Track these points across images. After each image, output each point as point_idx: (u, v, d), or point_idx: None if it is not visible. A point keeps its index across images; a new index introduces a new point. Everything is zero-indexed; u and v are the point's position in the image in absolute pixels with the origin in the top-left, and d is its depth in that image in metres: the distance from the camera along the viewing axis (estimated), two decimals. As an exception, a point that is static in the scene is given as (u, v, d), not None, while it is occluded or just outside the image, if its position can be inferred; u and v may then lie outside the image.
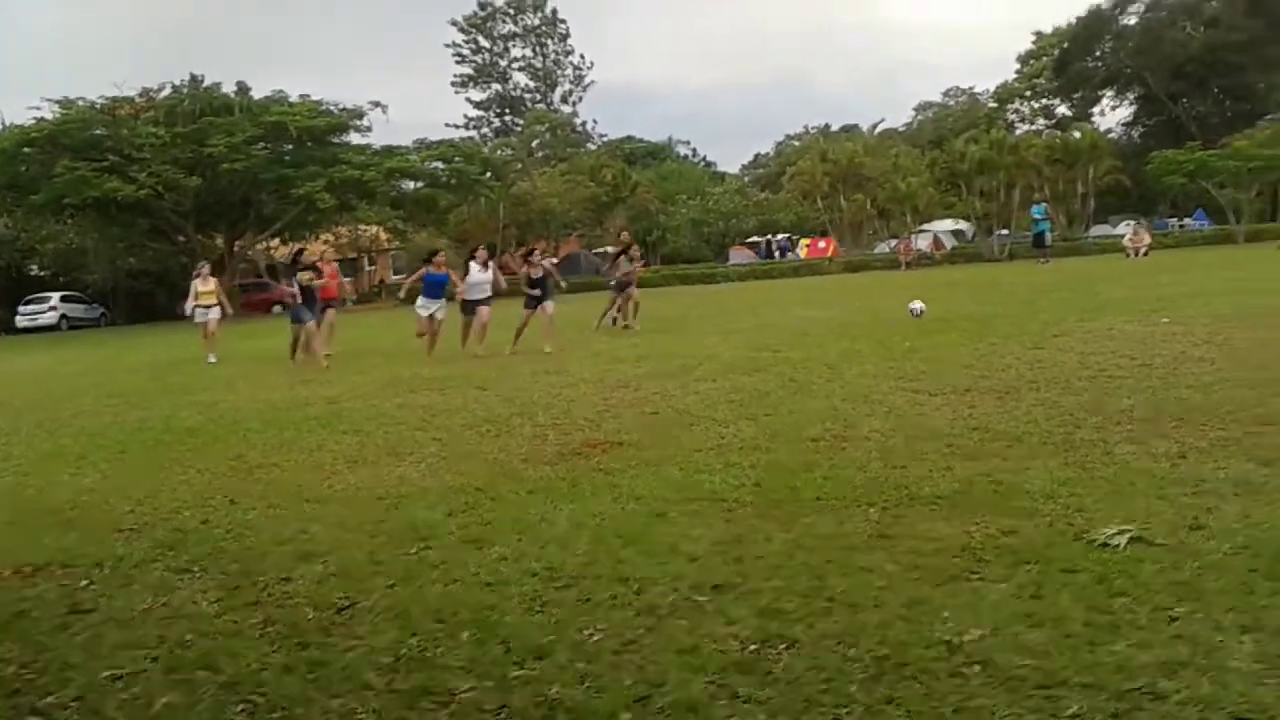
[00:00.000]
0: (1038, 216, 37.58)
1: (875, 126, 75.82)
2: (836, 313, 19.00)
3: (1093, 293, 18.80)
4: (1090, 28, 65.15)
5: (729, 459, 6.80)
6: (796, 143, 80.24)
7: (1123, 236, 38.02)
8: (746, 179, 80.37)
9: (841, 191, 46.61)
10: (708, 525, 5.27)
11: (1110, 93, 67.94)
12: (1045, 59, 69.29)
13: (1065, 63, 66.11)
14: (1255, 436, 6.28)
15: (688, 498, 5.85)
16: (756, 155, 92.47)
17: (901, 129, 78.95)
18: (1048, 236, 36.87)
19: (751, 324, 17.75)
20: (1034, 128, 65.72)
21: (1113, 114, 69.25)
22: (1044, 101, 71.98)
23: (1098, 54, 65.79)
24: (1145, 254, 33.78)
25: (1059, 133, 53.54)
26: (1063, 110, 69.42)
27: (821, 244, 50.72)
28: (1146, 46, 60.97)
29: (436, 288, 15.43)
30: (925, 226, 49.24)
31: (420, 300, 15.49)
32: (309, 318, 15.72)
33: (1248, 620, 3.58)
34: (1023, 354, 10.80)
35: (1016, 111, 72.93)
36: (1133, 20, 64.43)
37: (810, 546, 4.79)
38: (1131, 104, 67.61)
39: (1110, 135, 63.36)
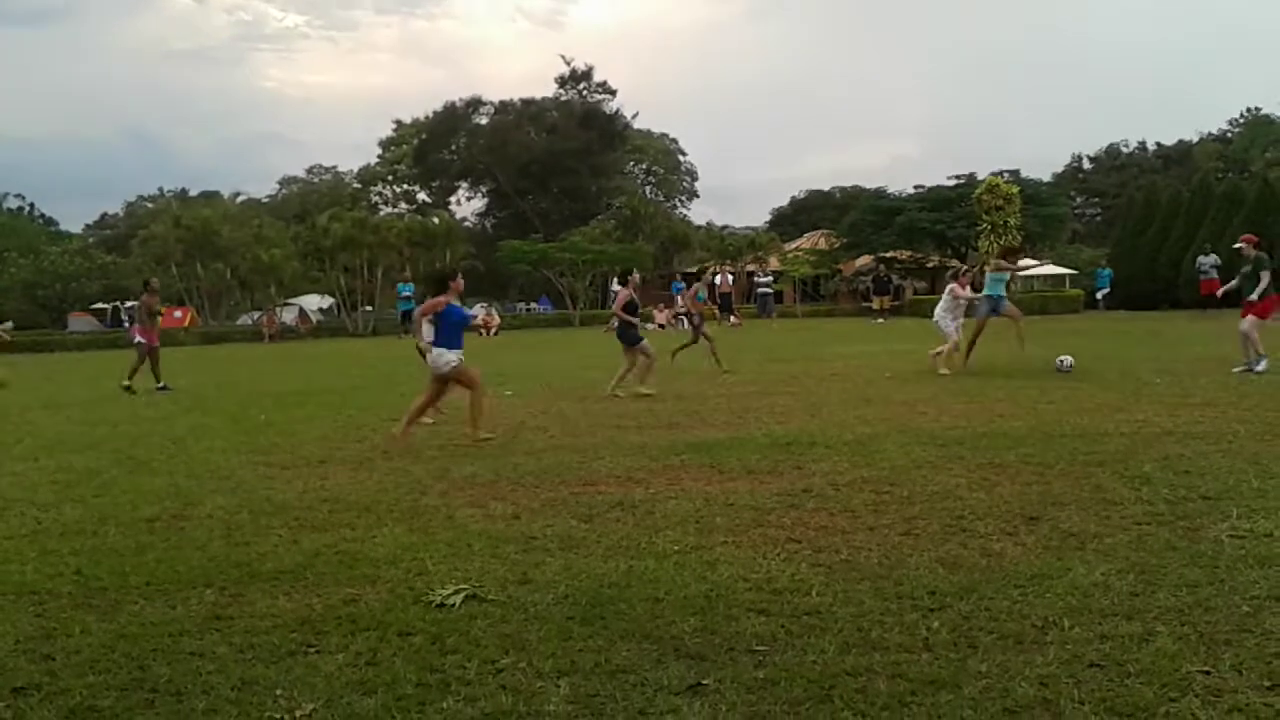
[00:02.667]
0: (405, 294, 39.05)
1: (237, 195, 73.87)
2: (190, 382, 17.87)
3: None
4: (446, 122, 70.09)
5: (46, 546, 6.00)
6: (150, 205, 75.23)
7: (476, 317, 40.91)
8: (92, 240, 73.32)
9: (199, 259, 44.39)
10: (12, 622, 4.59)
11: (466, 184, 73.40)
12: (406, 147, 72.92)
13: (424, 153, 70.29)
14: (579, 496, 6.96)
15: (-11, 593, 5.03)
16: (104, 215, 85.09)
17: (266, 200, 77.78)
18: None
19: (87, 396, 16.02)
20: (397, 210, 68.52)
21: (468, 204, 74.95)
22: (405, 187, 75.56)
23: (453, 148, 70.85)
24: (496, 333, 36.58)
25: (419, 217, 56.33)
26: (423, 196, 73.34)
27: (177, 313, 47.78)
28: (495, 146, 67.04)
29: None
30: (291, 300, 48.69)
31: None
32: None
33: (565, 664, 3.87)
34: (380, 425, 10.95)
35: (380, 194, 75.63)
36: (484, 120, 70.50)
37: (135, 635, 4.35)
38: (484, 196, 73.64)
39: (466, 223, 68.43)
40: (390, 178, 75.64)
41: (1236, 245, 14.10)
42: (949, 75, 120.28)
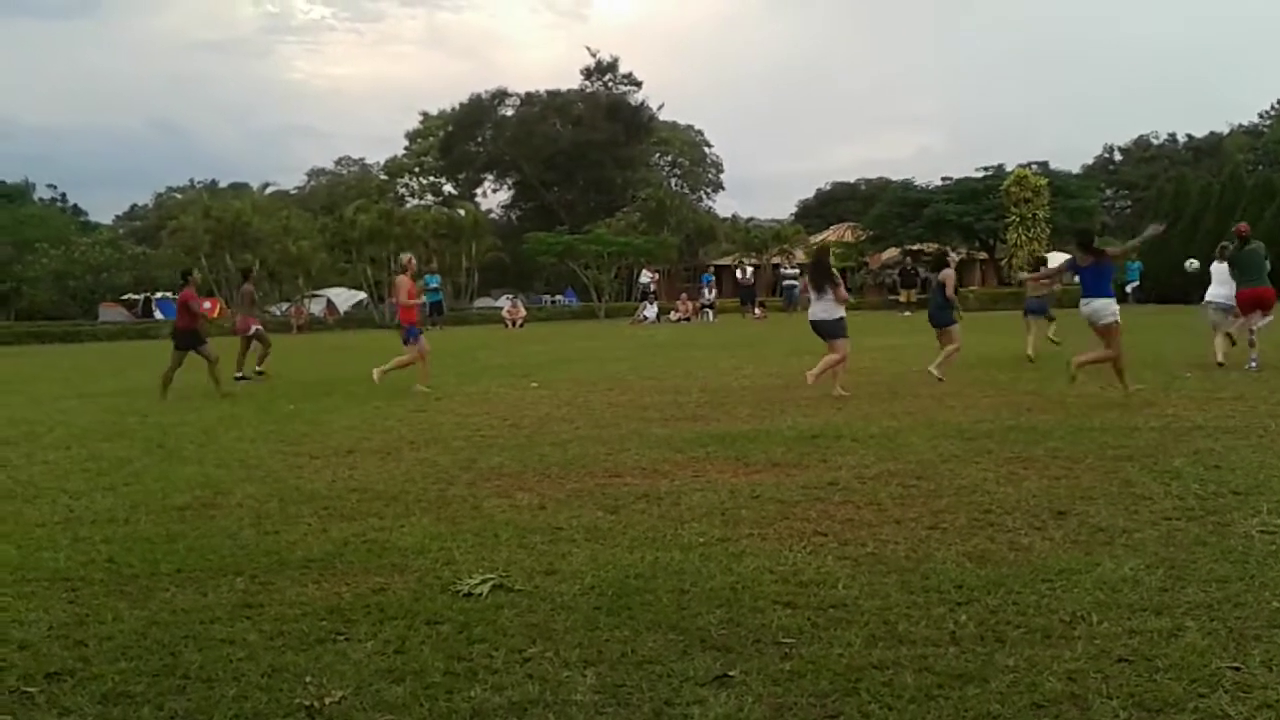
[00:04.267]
0: (433, 285, 39.30)
1: (266, 187, 74.36)
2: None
3: (473, 359, 19.92)
4: (472, 115, 70.25)
5: (78, 533, 6.08)
6: (179, 196, 75.85)
7: (502, 308, 41.04)
8: (122, 231, 74.01)
9: (227, 250, 44.70)
10: (46, 608, 4.64)
11: (491, 176, 73.56)
12: (432, 139, 73.12)
13: (450, 145, 70.45)
14: (605, 487, 6.98)
15: (24, 578, 5.14)
16: (134, 206, 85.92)
17: (294, 192, 78.24)
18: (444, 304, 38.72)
19: (118, 386, 16.19)
20: (423, 203, 68.74)
21: (494, 196, 75.11)
22: (431, 179, 75.77)
23: (479, 140, 71.02)
24: (521, 325, 36.68)
25: (445, 209, 56.54)
26: (449, 188, 73.57)
27: (206, 304, 48.11)
28: (521, 138, 67.13)
29: None
30: (319, 291, 48.97)
31: None
32: None
33: (591, 654, 3.88)
34: (406, 416, 11.04)
35: (406, 186, 75.84)
36: (510, 112, 70.61)
37: (166, 623, 4.39)
38: (510, 188, 73.78)
39: (492, 215, 68.57)
40: (417, 170, 75.86)
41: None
42: (977, 65, 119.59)
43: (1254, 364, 12.29)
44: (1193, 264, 16.83)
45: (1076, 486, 6.45)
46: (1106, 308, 10.32)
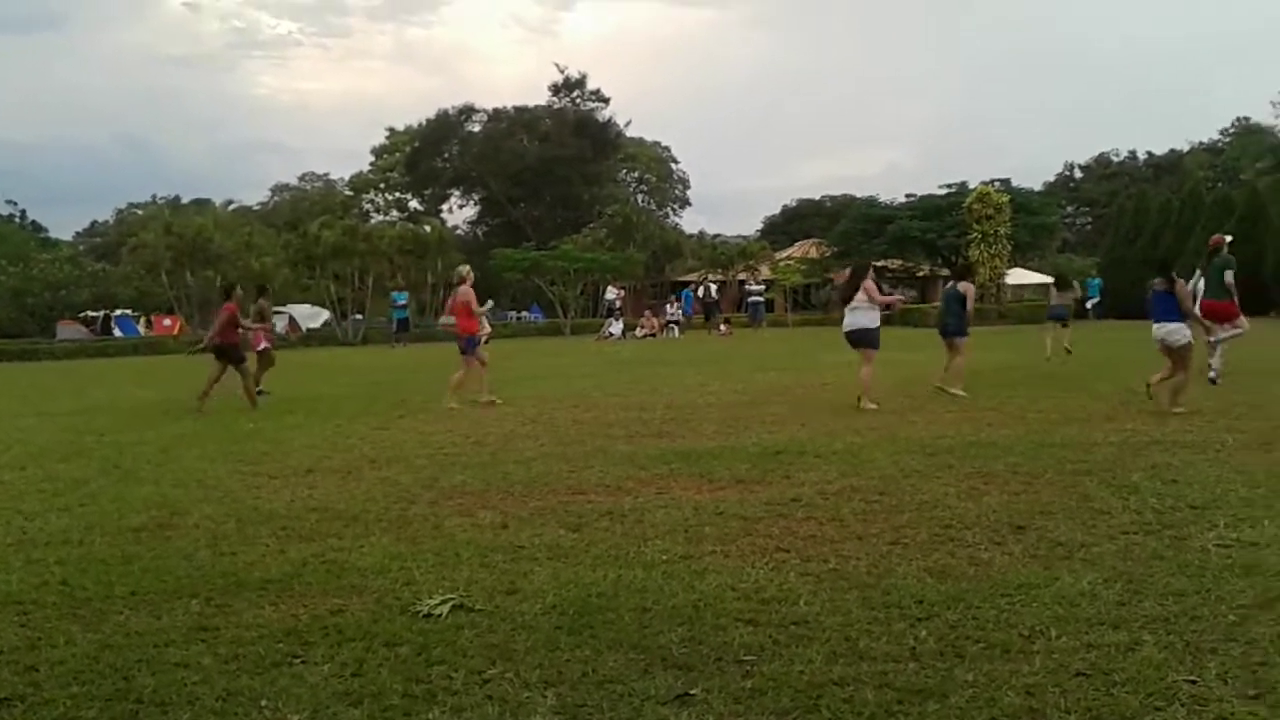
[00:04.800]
0: (400, 302, 39.06)
1: (229, 203, 73.75)
2: (180, 392, 17.79)
3: (436, 376, 19.75)
4: (438, 130, 70.07)
5: (31, 555, 5.98)
6: (140, 212, 75.06)
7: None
8: (82, 248, 73.11)
9: (189, 267, 44.22)
10: (-4, 633, 4.55)
11: (458, 192, 73.35)
12: (398, 154, 72.86)
13: (416, 161, 70.19)
14: (568, 504, 6.95)
15: (-26, 602, 5.02)
16: (94, 223, 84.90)
17: (257, 207, 77.68)
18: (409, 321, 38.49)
19: (76, 405, 15.96)
20: (388, 219, 68.43)
21: (460, 212, 74.80)
22: (397, 195, 75.46)
23: (446, 156, 70.83)
24: (487, 342, 36.51)
25: (411, 225, 56.32)
26: (415, 204, 73.27)
27: (166, 321, 47.61)
28: (488, 154, 66.99)
29: None
30: (280, 308, 48.54)
31: None
32: None
33: (552, 675, 3.86)
34: (368, 434, 10.96)
35: (372, 202, 75.50)
36: (477, 128, 70.51)
37: (120, 646, 4.33)
38: (476, 204, 73.54)
39: (458, 231, 68.31)
40: (382, 185, 75.54)
41: (1229, 238, 13.69)
42: (942, 83, 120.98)
43: (1213, 374, 12.45)
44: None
45: (1036, 501, 6.50)
46: (1179, 330, 10.47)
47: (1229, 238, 13.62)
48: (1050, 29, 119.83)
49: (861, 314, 12.11)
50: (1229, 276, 12.85)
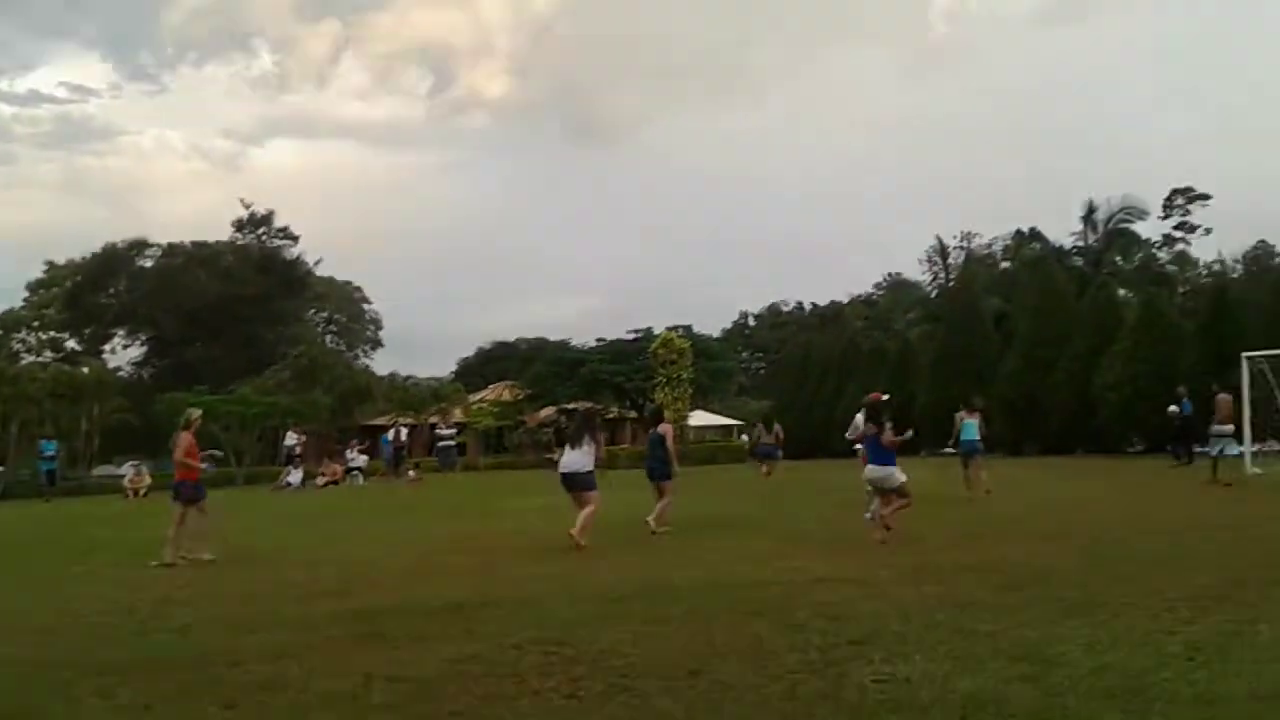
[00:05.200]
0: (48, 453, 35.35)
1: None
2: None
3: (84, 534, 17.96)
4: (105, 265, 65.52)
5: None
6: None
7: (124, 477, 37.48)
8: None
9: None
10: None
11: (123, 331, 68.32)
12: (57, 289, 67.18)
13: (77, 297, 64.98)
14: (223, 677, 6.34)
15: None
16: None
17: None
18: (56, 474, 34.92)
19: None
20: (41, 359, 62.52)
21: (125, 352, 69.45)
22: (53, 334, 69.16)
23: (112, 292, 66.14)
24: (145, 494, 33.60)
25: (67, 367, 51.77)
26: (73, 344, 67.43)
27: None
28: (161, 290, 63.12)
29: None
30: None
31: None
32: None
33: None
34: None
35: (23, 341, 68.77)
36: (149, 263, 66.51)
37: None
38: (143, 344, 68.67)
39: (121, 373, 63.36)
40: (36, 324, 69.08)
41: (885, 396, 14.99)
42: (634, 231, 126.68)
43: (869, 514, 13.34)
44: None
45: (710, 644, 6.60)
46: (893, 476, 11.71)
47: (885, 395, 14.92)
48: (725, 200, 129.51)
49: (580, 456, 12.31)
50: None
